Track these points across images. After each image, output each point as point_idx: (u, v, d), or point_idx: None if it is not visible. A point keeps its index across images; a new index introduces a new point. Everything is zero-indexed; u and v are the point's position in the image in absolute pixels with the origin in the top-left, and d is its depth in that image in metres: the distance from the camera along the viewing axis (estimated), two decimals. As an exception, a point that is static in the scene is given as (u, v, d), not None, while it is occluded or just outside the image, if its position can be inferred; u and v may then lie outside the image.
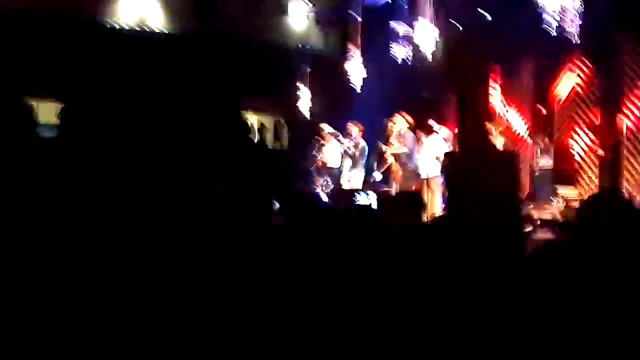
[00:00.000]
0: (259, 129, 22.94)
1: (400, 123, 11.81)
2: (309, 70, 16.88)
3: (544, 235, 9.14)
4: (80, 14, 17.85)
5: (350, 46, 15.15)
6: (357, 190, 11.18)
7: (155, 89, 17.50)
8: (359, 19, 14.58)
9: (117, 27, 19.57)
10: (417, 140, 12.14)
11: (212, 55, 18.68)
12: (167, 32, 20.08)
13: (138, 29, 19.90)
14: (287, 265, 3.00)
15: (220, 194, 3.56)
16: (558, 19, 9.83)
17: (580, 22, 9.75)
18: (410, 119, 11.82)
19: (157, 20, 20.16)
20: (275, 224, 3.85)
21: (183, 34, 19.41)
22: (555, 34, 9.97)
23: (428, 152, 11.63)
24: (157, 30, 20.10)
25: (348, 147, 12.61)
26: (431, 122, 12.58)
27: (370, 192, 10.20)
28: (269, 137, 23.12)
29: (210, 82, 18.52)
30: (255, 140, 21.38)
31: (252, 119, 23.06)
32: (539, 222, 9.62)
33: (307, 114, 17.97)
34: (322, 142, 13.38)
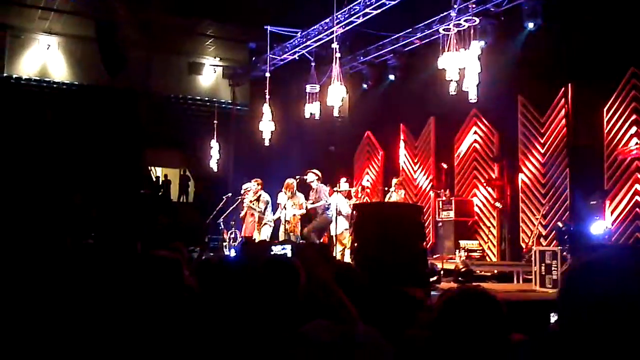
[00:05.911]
0: (163, 182, 22.62)
1: (311, 178, 11.73)
2: (216, 123, 16.84)
3: (447, 284, 9.41)
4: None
5: (259, 101, 15.30)
6: (272, 242, 10.97)
7: (59, 138, 17.00)
8: (268, 75, 14.79)
9: (22, 78, 19.19)
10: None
11: (118, 109, 18.44)
12: (74, 83, 19.80)
13: (42, 79, 19.58)
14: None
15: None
16: (457, 79, 10.26)
17: (479, 82, 10.20)
18: (318, 172, 11.77)
19: (63, 72, 19.88)
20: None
21: (90, 86, 19.17)
22: (454, 93, 10.38)
23: (333, 207, 11.60)
24: (63, 82, 19.80)
25: (252, 202, 12.39)
26: (343, 180, 12.66)
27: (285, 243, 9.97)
28: (174, 190, 22.85)
29: (116, 135, 18.25)
30: (159, 193, 21.00)
31: (158, 171, 22.80)
32: (442, 272, 9.89)
33: (215, 167, 17.87)
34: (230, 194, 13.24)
